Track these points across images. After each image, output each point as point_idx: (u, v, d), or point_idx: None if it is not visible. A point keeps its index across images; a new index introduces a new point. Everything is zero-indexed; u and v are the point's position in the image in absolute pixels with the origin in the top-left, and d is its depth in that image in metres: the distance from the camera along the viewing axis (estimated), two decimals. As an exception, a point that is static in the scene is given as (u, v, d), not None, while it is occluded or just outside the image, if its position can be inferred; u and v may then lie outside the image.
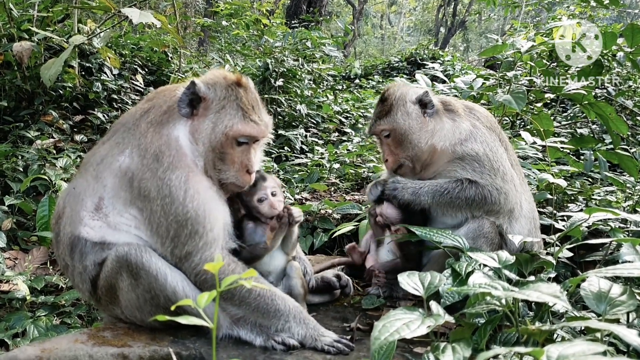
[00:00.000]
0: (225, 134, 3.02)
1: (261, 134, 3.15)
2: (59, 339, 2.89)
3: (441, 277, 2.72)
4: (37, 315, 4.63)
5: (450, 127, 3.79)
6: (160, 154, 2.94)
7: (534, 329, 2.12)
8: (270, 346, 2.93)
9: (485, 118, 3.91)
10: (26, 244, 6.04)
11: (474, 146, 3.69)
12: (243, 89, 3.12)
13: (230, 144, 3.06)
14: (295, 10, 16.77)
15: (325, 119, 10.90)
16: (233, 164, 3.09)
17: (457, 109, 3.88)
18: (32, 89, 8.24)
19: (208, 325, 1.68)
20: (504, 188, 3.63)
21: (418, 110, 3.80)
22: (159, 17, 7.31)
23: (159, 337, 2.94)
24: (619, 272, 2.27)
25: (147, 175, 2.91)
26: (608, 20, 18.38)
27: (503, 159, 3.73)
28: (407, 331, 2.17)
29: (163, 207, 2.88)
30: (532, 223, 3.87)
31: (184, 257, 2.92)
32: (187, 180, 2.92)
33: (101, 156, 3.11)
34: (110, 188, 3.00)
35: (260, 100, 3.26)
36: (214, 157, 3.05)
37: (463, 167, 3.68)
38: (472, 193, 3.61)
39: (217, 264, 1.70)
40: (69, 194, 3.16)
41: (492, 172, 3.64)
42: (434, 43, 24.53)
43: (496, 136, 3.85)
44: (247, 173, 3.12)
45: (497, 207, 3.62)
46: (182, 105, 3.05)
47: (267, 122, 3.19)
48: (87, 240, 3.00)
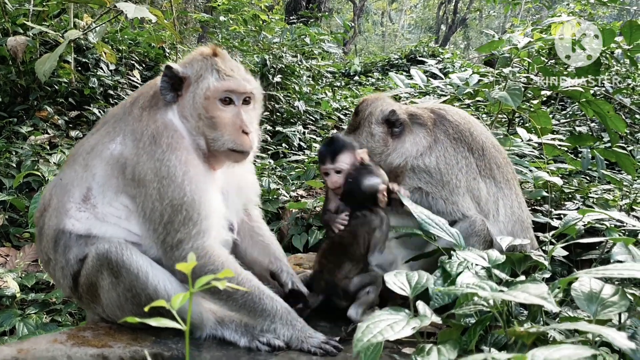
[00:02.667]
0: (206, 96, 2.96)
1: (241, 87, 3.02)
2: (38, 338, 2.82)
3: (429, 276, 2.67)
4: (27, 313, 4.58)
5: (410, 144, 3.88)
6: (158, 136, 2.91)
7: (521, 331, 2.06)
8: (255, 347, 2.88)
9: (455, 128, 3.90)
10: (18, 240, 5.99)
11: (425, 160, 3.79)
12: (219, 58, 3.07)
13: (215, 106, 2.99)
14: (295, 7, 16.69)
15: (324, 116, 10.84)
16: (225, 127, 2.99)
17: (425, 121, 3.92)
18: (27, 84, 8.18)
19: (181, 327, 1.62)
20: (450, 199, 3.70)
21: (383, 130, 3.90)
22: (155, 12, 7.25)
23: (140, 337, 2.88)
24: (609, 272, 2.21)
25: (143, 159, 2.87)
26: (608, 18, 18.30)
27: (460, 172, 3.77)
28: (391, 333, 2.10)
29: (159, 189, 2.83)
30: (515, 226, 3.84)
31: (175, 246, 2.85)
32: (186, 163, 2.89)
33: (91, 145, 3.07)
34: (100, 176, 2.95)
35: (241, 67, 3.18)
36: (204, 127, 2.99)
37: (412, 178, 3.79)
38: (417, 199, 3.66)
39: (190, 264, 1.63)
40: (55, 185, 3.12)
41: (440, 184, 3.73)
42: (434, 40, 24.46)
43: (463, 146, 3.86)
44: (244, 133, 3.00)
45: (447, 216, 3.59)
46: (164, 92, 3.03)
47: (248, 78, 3.09)
48: (71, 233, 2.94)
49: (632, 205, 5.67)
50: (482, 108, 7.92)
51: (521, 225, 3.83)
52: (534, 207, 5.83)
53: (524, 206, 3.93)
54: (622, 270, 2.22)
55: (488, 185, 3.82)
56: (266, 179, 6.69)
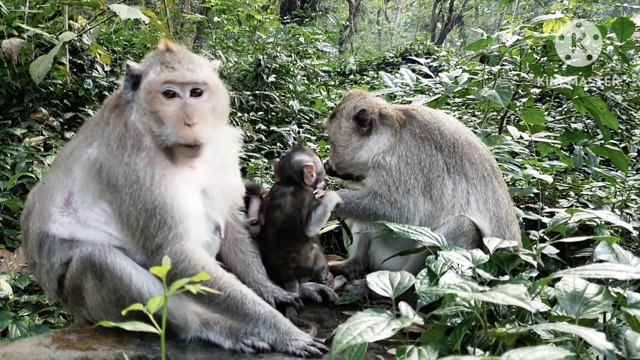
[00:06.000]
0: (148, 90, 2.88)
1: (180, 78, 2.87)
2: (23, 342, 2.81)
3: (411, 277, 2.66)
4: (19, 315, 4.58)
5: (373, 143, 3.98)
6: (123, 138, 2.87)
7: (502, 332, 2.06)
8: (239, 349, 2.88)
9: (422, 127, 3.95)
10: (12, 242, 5.99)
11: (387, 158, 3.88)
12: (169, 52, 2.97)
13: (158, 99, 2.88)
14: (290, 6, 16.64)
15: (319, 115, 10.82)
16: (169, 120, 2.86)
17: (393, 122, 3.99)
18: (22, 86, 8.18)
19: (157, 331, 1.62)
20: (399, 202, 3.79)
21: (352, 126, 4.05)
22: (148, 13, 7.26)
23: (125, 340, 2.86)
24: (586, 273, 2.21)
25: (114, 163, 2.84)
26: (604, 15, 18.27)
27: (422, 171, 3.83)
28: (371, 334, 2.11)
29: (132, 194, 2.79)
30: (491, 222, 3.82)
31: (154, 251, 2.82)
32: (152, 164, 2.84)
33: (70, 150, 3.06)
34: (79, 181, 2.93)
35: (196, 59, 3.05)
36: (150, 122, 2.89)
37: (372, 176, 3.91)
38: (366, 204, 3.83)
39: (165, 267, 1.63)
40: (39, 189, 3.11)
41: (395, 184, 3.81)
42: (430, 38, 24.44)
43: (430, 144, 3.90)
44: (186, 126, 2.85)
45: (390, 220, 3.68)
46: (126, 91, 3.01)
47: (193, 69, 2.93)
48: (55, 237, 2.92)
49: (625, 202, 5.68)
50: (474, 107, 7.92)
51: (498, 222, 3.81)
52: (527, 205, 5.83)
53: (504, 203, 3.88)
54: (599, 270, 2.22)
55: (457, 182, 3.82)
56: (259, 178, 6.69)
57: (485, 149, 4.08)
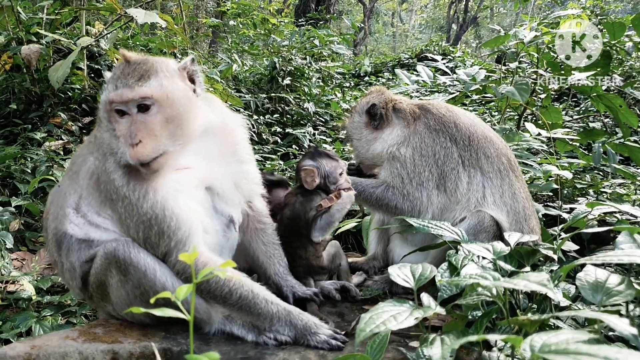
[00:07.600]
0: (104, 109, 2.83)
1: (119, 97, 2.71)
2: (50, 335, 2.87)
3: (433, 268, 2.67)
4: (42, 315, 4.65)
5: (387, 135, 4.06)
6: (107, 152, 2.87)
7: (524, 320, 2.07)
8: (262, 341, 2.90)
9: (437, 119, 3.97)
10: (34, 244, 6.08)
11: (402, 149, 3.91)
12: (125, 64, 2.83)
13: (113, 117, 2.78)
14: (304, 9, 16.74)
15: (334, 117, 10.85)
16: (121, 139, 2.76)
17: (407, 116, 4.04)
18: (41, 91, 8.30)
19: (185, 317, 1.65)
20: (411, 195, 3.81)
21: (364, 120, 4.18)
22: (165, 18, 7.32)
23: (150, 333, 2.91)
24: (609, 258, 2.21)
25: (104, 178, 2.87)
26: (622, 13, 18.12)
27: (436, 163, 3.85)
28: (394, 323, 2.12)
29: (126, 208, 2.81)
30: (509, 216, 3.79)
31: (163, 257, 2.86)
32: (134, 179, 2.80)
33: (79, 155, 3.12)
34: (85, 188, 2.97)
35: (145, 68, 2.81)
36: (110, 139, 2.83)
37: (386, 168, 3.96)
38: (378, 194, 3.88)
39: (193, 254, 1.67)
40: (56, 190, 3.17)
41: (409, 176, 3.84)
42: (445, 40, 24.38)
43: (445, 137, 3.90)
44: (130, 146, 2.70)
45: (402, 213, 3.80)
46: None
47: (135, 83, 2.72)
48: (72, 237, 2.97)
49: (645, 199, 5.62)
50: (490, 108, 7.88)
51: (515, 215, 3.79)
52: (546, 204, 5.79)
53: (521, 197, 3.85)
54: (622, 256, 2.21)
55: (472, 175, 3.82)
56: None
57: (503, 143, 4.06)
